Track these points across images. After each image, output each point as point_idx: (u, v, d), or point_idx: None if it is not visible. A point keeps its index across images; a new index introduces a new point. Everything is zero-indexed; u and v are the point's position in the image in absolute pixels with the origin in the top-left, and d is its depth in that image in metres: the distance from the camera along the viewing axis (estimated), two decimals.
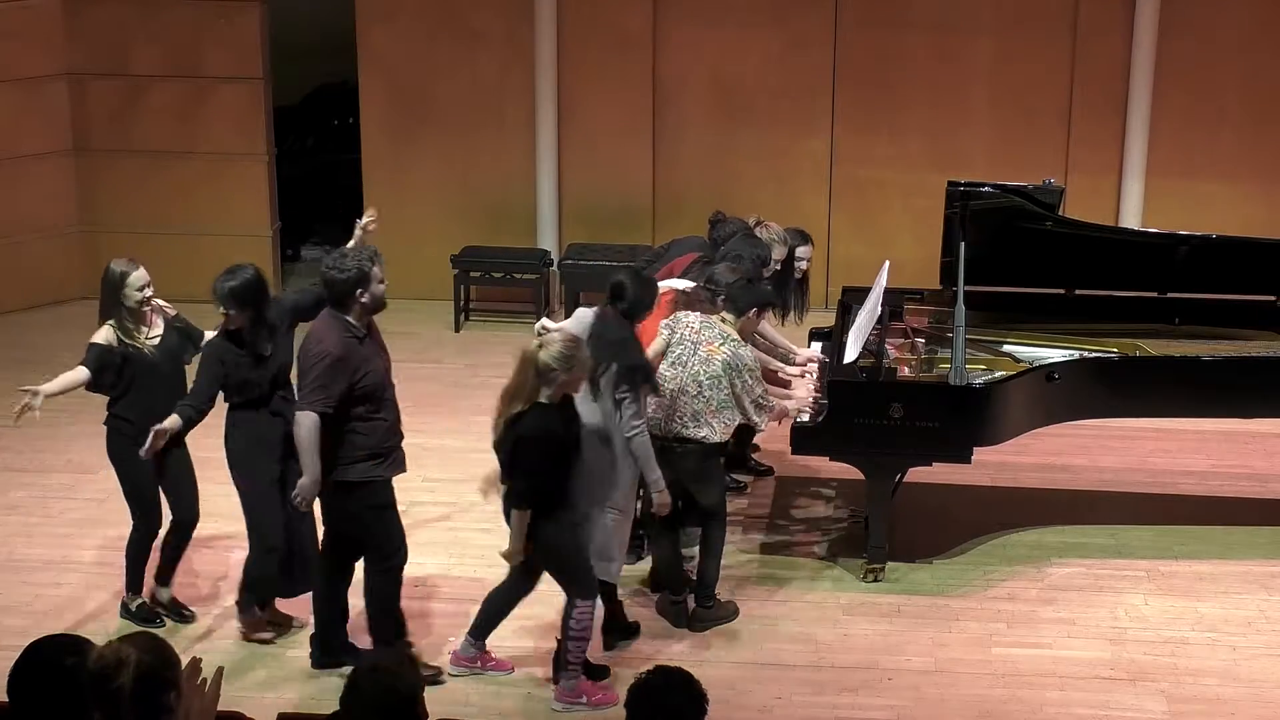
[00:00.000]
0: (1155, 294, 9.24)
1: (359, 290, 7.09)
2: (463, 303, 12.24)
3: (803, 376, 8.88)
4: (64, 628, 6.93)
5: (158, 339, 7.62)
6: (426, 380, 11.00)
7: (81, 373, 7.48)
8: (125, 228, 12.59)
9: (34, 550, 8.70)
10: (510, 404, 6.94)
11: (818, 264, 10.12)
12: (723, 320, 7.79)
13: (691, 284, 8.22)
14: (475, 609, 7.62)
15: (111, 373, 7.49)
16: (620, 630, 7.80)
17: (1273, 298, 9.23)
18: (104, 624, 7.58)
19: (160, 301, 7.72)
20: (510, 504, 7.01)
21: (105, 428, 7.68)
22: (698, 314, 7.84)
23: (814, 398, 8.45)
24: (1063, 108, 12.11)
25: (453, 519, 9.02)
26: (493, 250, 12.34)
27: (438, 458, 9.74)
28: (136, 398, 7.51)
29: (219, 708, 4.58)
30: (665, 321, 7.89)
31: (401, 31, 12.34)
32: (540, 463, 6.89)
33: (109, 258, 12.42)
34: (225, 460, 7.58)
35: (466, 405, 10.48)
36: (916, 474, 8.53)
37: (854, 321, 8.69)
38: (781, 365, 8.92)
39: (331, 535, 7.40)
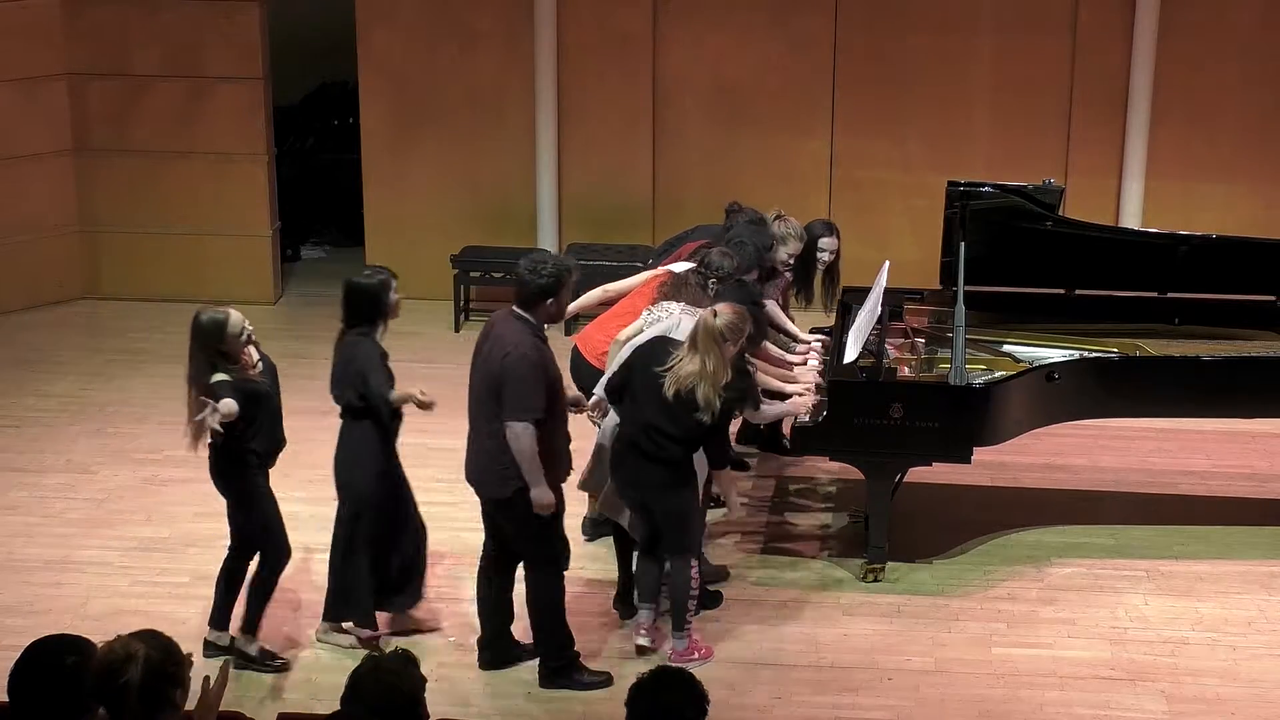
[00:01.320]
0: (1155, 294, 9.25)
1: (550, 298, 7.09)
2: (463, 303, 12.24)
3: (805, 364, 8.91)
4: (64, 628, 6.94)
5: (260, 367, 7.35)
6: (426, 380, 10.77)
7: (231, 404, 7.01)
8: (125, 228, 12.60)
9: (34, 550, 8.70)
10: (713, 372, 7.11)
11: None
12: None
13: (686, 266, 8.30)
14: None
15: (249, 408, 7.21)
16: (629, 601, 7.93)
17: (1273, 298, 9.23)
18: (103, 624, 7.59)
19: None
20: (718, 467, 7.52)
21: (230, 464, 7.31)
22: (680, 304, 7.89)
23: (816, 385, 8.46)
24: (1063, 108, 12.11)
25: (453, 519, 9.00)
26: (493, 250, 12.34)
27: (438, 458, 9.71)
28: (262, 430, 7.28)
29: (220, 707, 4.59)
30: (649, 309, 8.03)
31: (401, 31, 12.34)
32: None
33: (109, 258, 12.62)
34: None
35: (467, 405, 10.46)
36: (916, 474, 8.53)
37: (854, 321, 8.69)
38: (783, 353, 8.95)
39: (499, 544, 7.41)
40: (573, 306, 8.80)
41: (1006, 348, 8.85)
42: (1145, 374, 8.67)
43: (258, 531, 7.46)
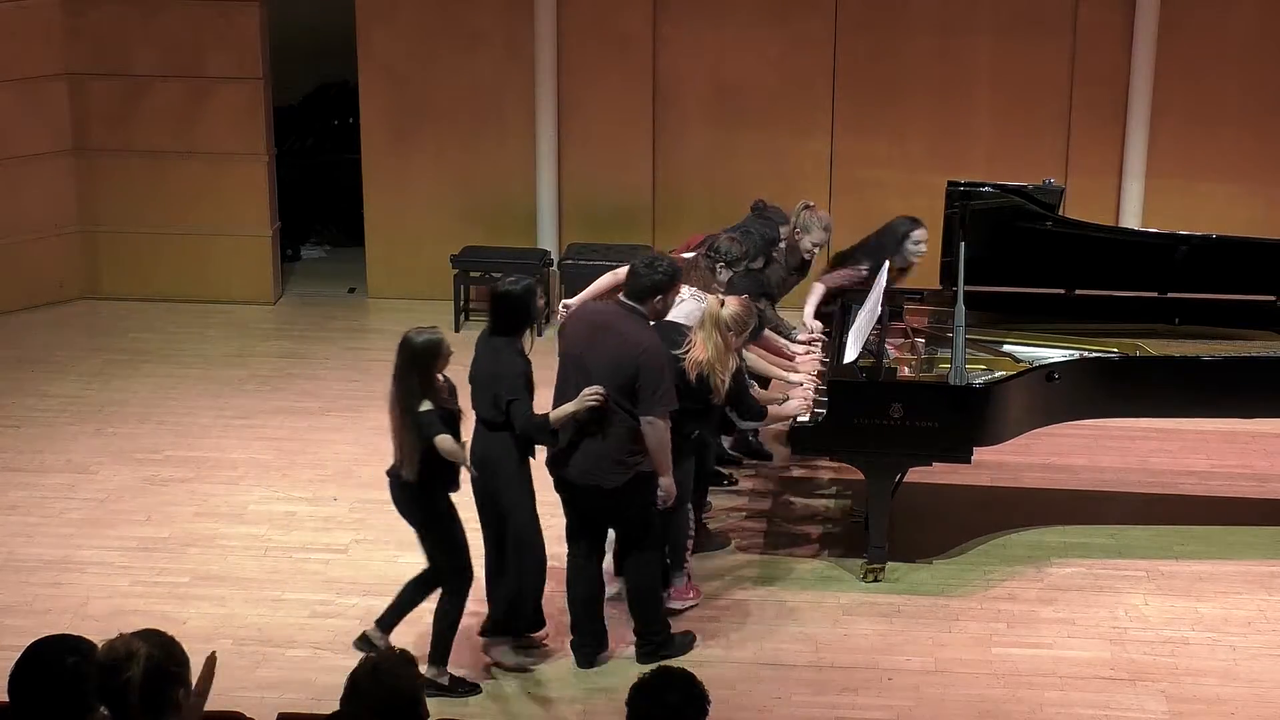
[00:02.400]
0: (1155, 294, 9.25)
1: (659, 295, 7.32)
2: (463, 303, 12.24)
3: (807, 353, 8.94)
4: (64, 628, 6.95)
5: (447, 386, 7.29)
6: None
7: (448, 439, 7.00)
8: (125, 228, 12.59)
9: (34, 550, 8.69)
10: (719, 359, 7.47)
11: (818, 264, 10.14)
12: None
13: (693, 254, 8.49)
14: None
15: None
16: None
17: (1273, 298, 9.23)
18: (103, 624, 7.57)
19: None
20: (759, 419, 8.18)
21: (424, 491, 7.13)
22: (691, 289, 8.05)
23: (815, 387, 8.48)
24: (1063, 108, 12.11)
25: None
26: (493, 250, 12.34)
27: None
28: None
29: (220, 707, 4.59)
30: None
31: (401, 31, 12.34)
32: None
33: (109, 258, 12.63)
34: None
35: (466, 405, 10.46)
36: (916, 474, 8.53)
37: (854, 321, 8.70)
38: (785, 342, 8.99)
39: (592, 537, 7.55)
40: (585, 292, 8.88)
41: (1006, 348, 8.85)
42: (1145, 374, 8.67)
43: (446, 554, 7.29)
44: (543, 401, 7.41)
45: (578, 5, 12.18)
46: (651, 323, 7.49)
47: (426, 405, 6.99)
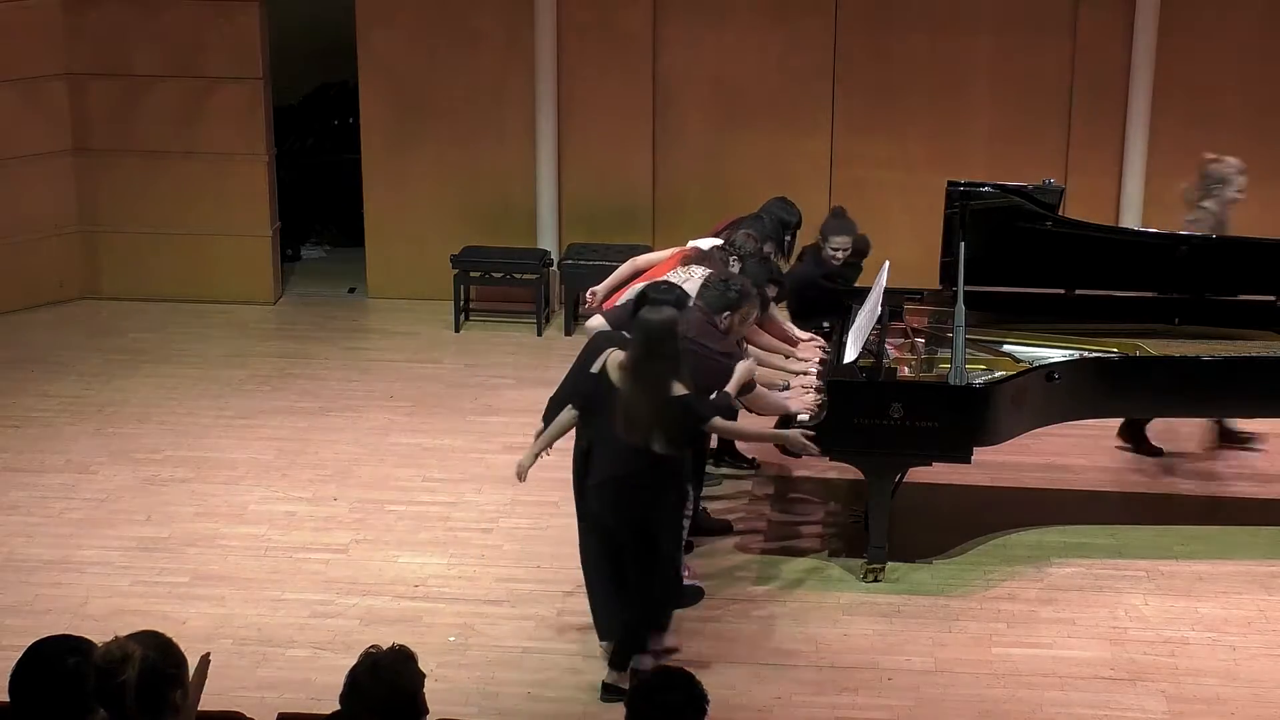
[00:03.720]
0: (1155, 294, 9.25)
1: (729, 312, 7.74)
2: (463, 303, 12.23)
3: (810, 340, 9.02)
4: (64, 628, 6.94)
5: None
6: (426, 380, 10.99)
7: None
8: (125, 228, 12.60)
9: (34, 550, 8.69)
10: None
11: None
12: None
13: (715, 241, 8.66)
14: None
15: None
16: None
17: (1273, 298, 9.23)
18: (103, 624, 7.57)
19: None
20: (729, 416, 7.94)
21: (664, 490, 7.08)
22: (703, 269, 8.29)
23: (816, 381, 8.51)
24: (1063, 108, 12.10)
25: (452, 519, 9.03)
26: (493, 250, 12.34)
27: (437, 458, 9.74)
28: None
29: (220, 707, 4.59)
30: (675, 269, 8.52)
31: (401, 32, 12.34)
32: None
33: (109, 258, 12.64)
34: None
35: (466, 405, 10.49)
36: (916, 474, 8.53)
37: (854, 322, 8.70)
38: (791, 331, 9.05)
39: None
40: (607, 282, 8.92)
41: (1006, 348, 8.85)
42: (1145, 374, 8.67)
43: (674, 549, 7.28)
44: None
45: (578, 5, 12.17)
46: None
47: (680, 389, 6.89)
